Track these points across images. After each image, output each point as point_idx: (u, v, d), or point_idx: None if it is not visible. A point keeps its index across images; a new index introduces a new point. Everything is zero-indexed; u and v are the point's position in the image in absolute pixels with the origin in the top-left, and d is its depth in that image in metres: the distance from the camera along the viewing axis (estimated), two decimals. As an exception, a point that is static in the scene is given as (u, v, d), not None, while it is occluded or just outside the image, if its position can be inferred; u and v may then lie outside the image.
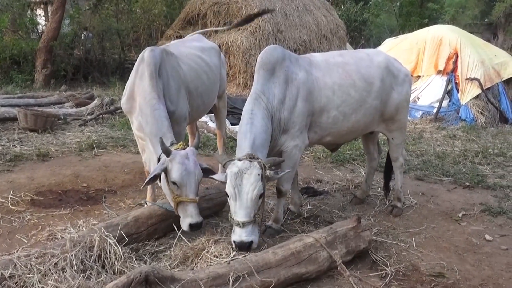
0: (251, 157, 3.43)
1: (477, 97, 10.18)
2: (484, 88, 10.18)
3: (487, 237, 4.15)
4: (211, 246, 3.43)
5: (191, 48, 4.88)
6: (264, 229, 4.00)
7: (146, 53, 4.02)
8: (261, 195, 3.46)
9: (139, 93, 3.97)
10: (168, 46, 4.67)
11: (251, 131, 3.59)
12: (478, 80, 10.13)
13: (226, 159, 3.54)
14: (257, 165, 3.40)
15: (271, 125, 3.73)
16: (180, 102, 4.21)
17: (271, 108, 3.74)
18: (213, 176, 3.68)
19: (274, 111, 3.76)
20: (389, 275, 3.38)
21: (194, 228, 3.57)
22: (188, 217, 3.55)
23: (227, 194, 3.47)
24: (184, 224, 3.57)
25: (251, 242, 3.39)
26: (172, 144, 3.68)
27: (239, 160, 3.43)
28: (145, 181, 3.60)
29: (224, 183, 3.50)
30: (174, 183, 3.52)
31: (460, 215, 4.67)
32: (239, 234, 3.39)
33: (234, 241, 3.41)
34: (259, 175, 3.37)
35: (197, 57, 4.80)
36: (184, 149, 3.62)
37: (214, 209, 4.33)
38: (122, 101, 4.22)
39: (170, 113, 4.06)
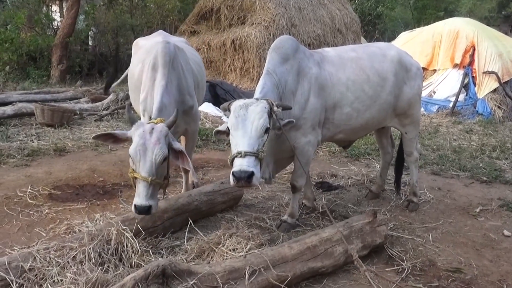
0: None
1: (494, 90, 10.05)
2: (502, 81, 10.03)
3: (506, 232, 4.10)
4: (226, 240, 3.43)
5: (179, 42, 4.76)
6: (280, 224, 4.00)
7: (162, 45, 3.86)
8: (267, 131, 3.22)
9: (149, 85, 3.81)
10: None
11: (261, 92, 3.46)
12: (496, 74, 9.99)
13: (230, 101, 3.37)
14: (265, 101, 3.24)
15: None
16: (196, 97, 4.19)
17: (281, 90, 3.62)
18: (218, 129, 3.47)
19: (284, 98, 3.63)
20: (406, 270, 3.35)
21: (138, 210, 3.26)
22: (136, 196, 3.28)
23: (228, 129, 3.25)
24: (132, 205, 3.31)
25: (252, 172, 3.04)
26: (150, 118, 3.54)
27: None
28: (97, 134, 3.46)
29: (226, 133, 3.31)
30: (130, 156, 3.32)
31: (477, 210, 4.62)
32: (239, 163, 3.06)
33: (232, 173, 3.08)
34: (265, 108, 3.20)
35: (192, 50, 4.77)
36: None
37: (229, 203, 4.35)
38: (140, 99, 3.95)
39: (189, 107, 4.00)
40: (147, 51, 4.12)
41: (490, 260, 3.60)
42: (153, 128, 3.31)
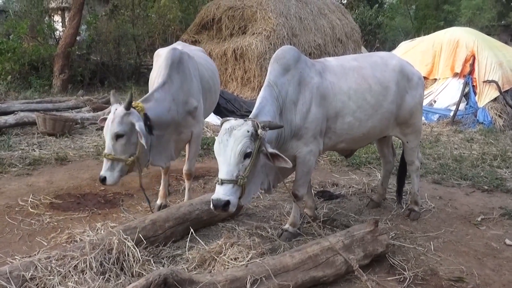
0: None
1: (495, 99, 10.06)
2: (502, 90, 10.05)
3: (507, 241, 4.09)
4: (228, 249, 3.43)
5: (195, 50, 5.14)
6: (281, 233, 4.00)
7: (167, 51, 4.32)
8: (248, 155, 3.20)
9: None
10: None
11: (258, 107, 3.51)
12: (496, 83, 10.01)
13: (225, 119, 3.41)
14: (250, 123, 3.22)
15: (278, 118, 3.60)
16: (201, 100, 4.47)
17: (281, 101, 3.63)
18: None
19: (285, 108, 3.66)
20: (407, 279, 3.35)
21: (100, 180, 3.70)
22: None
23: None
24: None
25: (228, 202, 3.10)
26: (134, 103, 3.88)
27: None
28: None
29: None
30: None
31: (479, 219, 4.61)
32: (217, 191, 3.15)
33: (211, 200, 3.17)
34: (248, 131, 3.17)
35: (207, 57, 5.17)
36: (141, 109, 3.78)
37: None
38: None
39: (193, 108, 4.29)
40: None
41: (492, 269, 3.59)
42: (116, 109, 3.67)
